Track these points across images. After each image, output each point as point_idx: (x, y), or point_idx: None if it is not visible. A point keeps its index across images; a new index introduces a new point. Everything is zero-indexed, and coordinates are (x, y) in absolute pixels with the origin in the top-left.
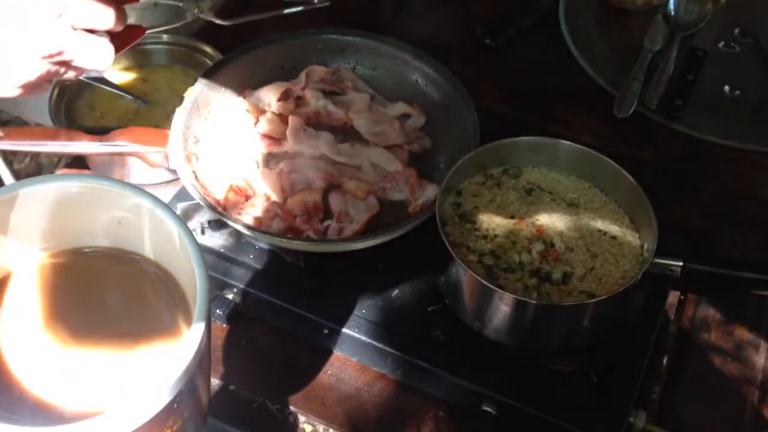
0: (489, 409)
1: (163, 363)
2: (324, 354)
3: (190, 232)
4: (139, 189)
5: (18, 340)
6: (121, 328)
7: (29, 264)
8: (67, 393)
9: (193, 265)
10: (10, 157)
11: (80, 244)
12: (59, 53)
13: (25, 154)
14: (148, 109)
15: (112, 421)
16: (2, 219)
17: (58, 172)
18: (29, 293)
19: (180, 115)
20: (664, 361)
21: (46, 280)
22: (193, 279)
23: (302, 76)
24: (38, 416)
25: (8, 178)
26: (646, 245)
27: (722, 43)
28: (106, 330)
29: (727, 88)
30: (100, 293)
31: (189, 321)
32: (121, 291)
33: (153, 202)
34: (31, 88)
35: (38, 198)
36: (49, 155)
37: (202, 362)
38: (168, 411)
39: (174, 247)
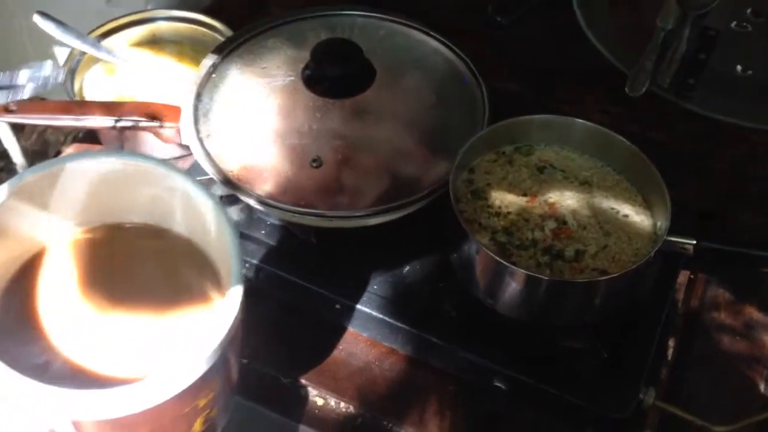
0: (500, 385)
1: (196, 335)
2: (335, 329)
3: (222, 206)
4: (175, 167)
5: (57, 311)
6: (155, 300)
7: (66, 238)
8: (106, 361)
9: (227, 242)
10: (17, 135)
11: (115, 220)
12: None
13: (32, 130)
14: (159, 85)
15: (152, 387)
16: (43, 193)
17: (68, 147)
18: (67, 266)
19: (191, 90)
20: (674, 339)
21: (82, 254)
22: (225, 255)
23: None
24: (79, 382)
25: (17, 155)
26: (659, 224)
27: (734, 22)
28: (140, 302)
29: (739, 67)
30: (134, 266)
31: (221, 295)
32: (154, 264)
33: (187, 180)
34: None
35: (80, 173)
36: (55, 132)
37: (234, 336)
38: (203, 381)
39: (206, 223)
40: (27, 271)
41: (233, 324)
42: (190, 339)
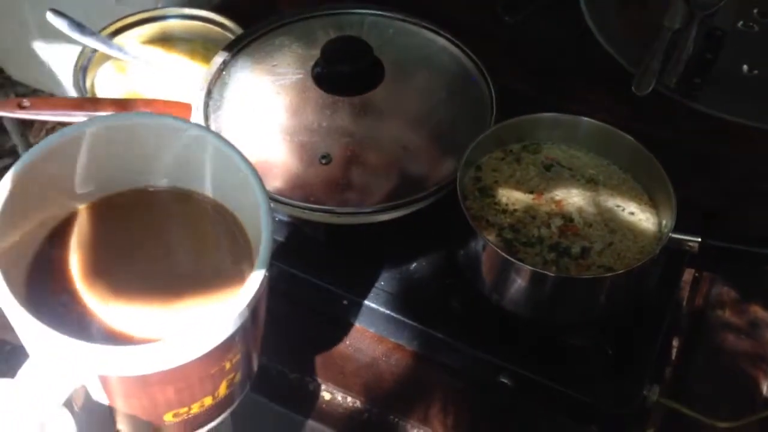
0: (505, 381)
1: (228, 298)
2: (342, 325)
3: (254, 169)
4: (203, 127)
5: (88, 274)
6: (187, 264)
7: (95, 202)
8: (136, 322)
9: (258, 203)
10: (25, 132)
11: (143, 183)
12: None
13: (41, 127)
14: (170, 83)
15: (181, 344)
16: (70, 158)
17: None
18: (96, 230)
19: (202, 88)
20: (678, 337)
21: (111, 218)
22: (255, 215)
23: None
24: (111, 342)
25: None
26: (664, 222)
27: (741, 22)
28: (171, 265)
29: (745, 67)
30: (163, 230)
31: (251, 260)
32: (183, 229)
33: (217, 139)
34: None
35: (104, 137)
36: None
37: (261, 300)
38: (231, 342)
39: (238, 186)
40: (58, 234)
41: (261, 284)
42: (221, 301)
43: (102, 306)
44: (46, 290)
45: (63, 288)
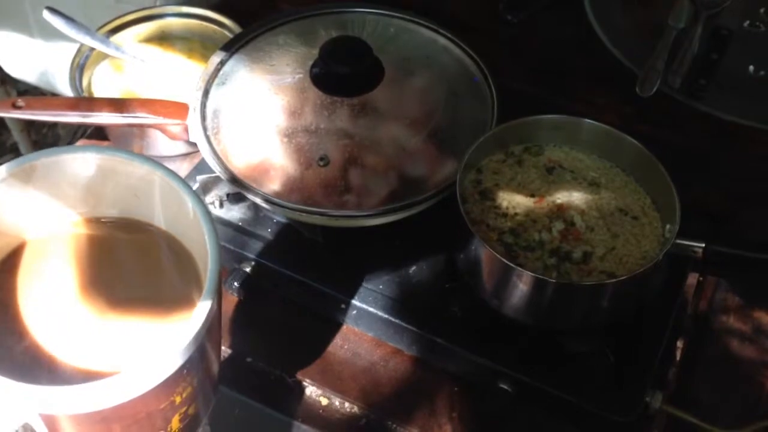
0: (505, 387)
1: (175, 331)
2: (340, 328)
3: (201, 201)
4: (151, 160)
5: (36, 305)
6: (135, 295)
7: (46, 232)
8: (84, 355)
9: (205, 235)
10: (27, 128)
11: (95, 214)
12: None
13: (43, 124)
14: (167, 82)
15: (123, 382)
16: (19, 189)
17: (78, 143)
18: (46, 260)
19: (199, 87)
20: (682, 342)
21: (62, 248)
22: (203, 246)
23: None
24: (54, 377)
25: (27, 149)
26: (668, 226)
27: (747, 22)
28: (120, 296)
29: (751, 68)
30: (115, 261)
31: (201, 290)
32: (135, 260)
33: (166, 174)
34: None
35: (55, 169)
36: (66, 126)
37: (211, 330)
38: (178, 376)
39: (186, 217)
40: (5, 266)
41: (208, 316)
42: (169, 333)
43: (50, 339)
44: None
45: (9, 320)
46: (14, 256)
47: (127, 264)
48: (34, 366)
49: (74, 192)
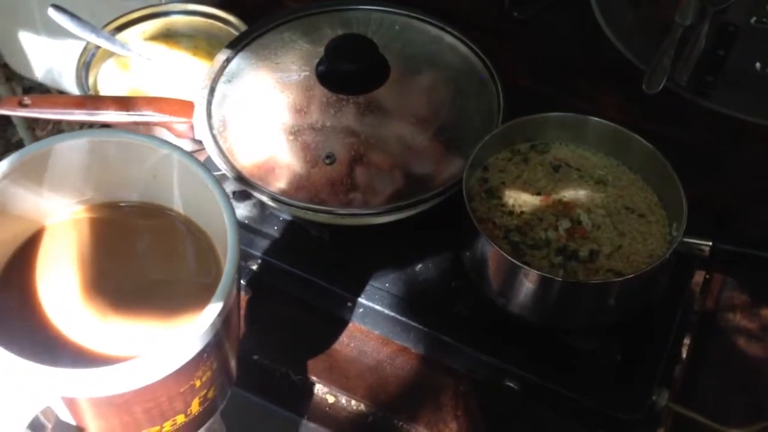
0: (511, 385)
1: (196, 315)
2: (347, 326)
3: (218, 182)
4: (170, 143)
5: (55, 291)
6: (156, 279)
7: (64, 217)
8: (104, 340)
9: (224, 218)
10: (32, 125)
11: (112, 199)
12: None
13: (48, 121)
14: (173, 80)
15: (145, 366)
16: (37, 174)
17: None
18: (65, 246)
19: (205, 85)
20: (688, 340)
21: (80, 233)
22: (222, 231)
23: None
24: (75, 361)
25: None
26: (674, 224)
27: (754, 18)
28: (140, 281)
29: (758, 65)
30: (134, 245)
31: (220, 274)
32: (155, 244)
33: (183, 156)
34: None
35: (72, 153)
36: (71, 124)
37: (231, 314)
38: (198, 360)
39: (205, 200)
40: (25, 250)
41: (227, 300)
42: (190, 317)
43: (70, 325)
44: (11, 309)
45: (30, 306)
46: (33, 241)
47: (147, 248)
48: (56, 349)
49: (91, 176)
